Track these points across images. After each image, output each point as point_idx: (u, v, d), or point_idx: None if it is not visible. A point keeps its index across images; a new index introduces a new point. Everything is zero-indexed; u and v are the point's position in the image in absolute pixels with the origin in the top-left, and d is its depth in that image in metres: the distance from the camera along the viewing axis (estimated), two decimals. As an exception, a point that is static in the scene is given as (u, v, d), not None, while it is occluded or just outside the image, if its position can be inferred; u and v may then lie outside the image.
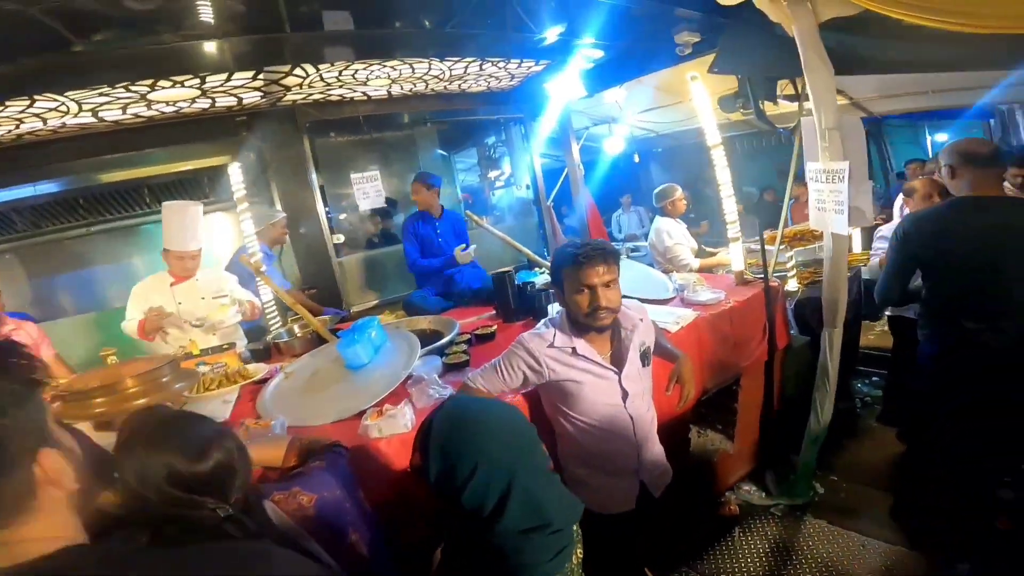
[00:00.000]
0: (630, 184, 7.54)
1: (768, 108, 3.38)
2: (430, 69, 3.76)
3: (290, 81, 3.44)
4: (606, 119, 5.01)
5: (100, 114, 3.26)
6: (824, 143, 2.40)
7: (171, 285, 3.22)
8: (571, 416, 1.88)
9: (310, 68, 3.27)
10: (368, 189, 4.47)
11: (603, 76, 4.10)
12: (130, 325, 3.15)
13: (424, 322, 3.21)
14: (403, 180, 5.51)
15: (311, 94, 3.85)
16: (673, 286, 3.18)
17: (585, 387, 1.83)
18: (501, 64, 3.96)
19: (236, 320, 3.30)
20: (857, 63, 2.76)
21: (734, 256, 3.37)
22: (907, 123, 7.74)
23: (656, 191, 4.38)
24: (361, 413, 1.98)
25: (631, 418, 1.88)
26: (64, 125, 3.33)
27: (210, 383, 2.57)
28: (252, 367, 2.77)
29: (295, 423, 2.07)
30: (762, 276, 2.99)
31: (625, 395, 1.86)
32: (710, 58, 3.08)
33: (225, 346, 3.03)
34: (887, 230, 3.15)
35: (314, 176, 4.21)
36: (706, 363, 2.70)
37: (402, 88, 4.17)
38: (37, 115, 3.03)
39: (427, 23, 3.29)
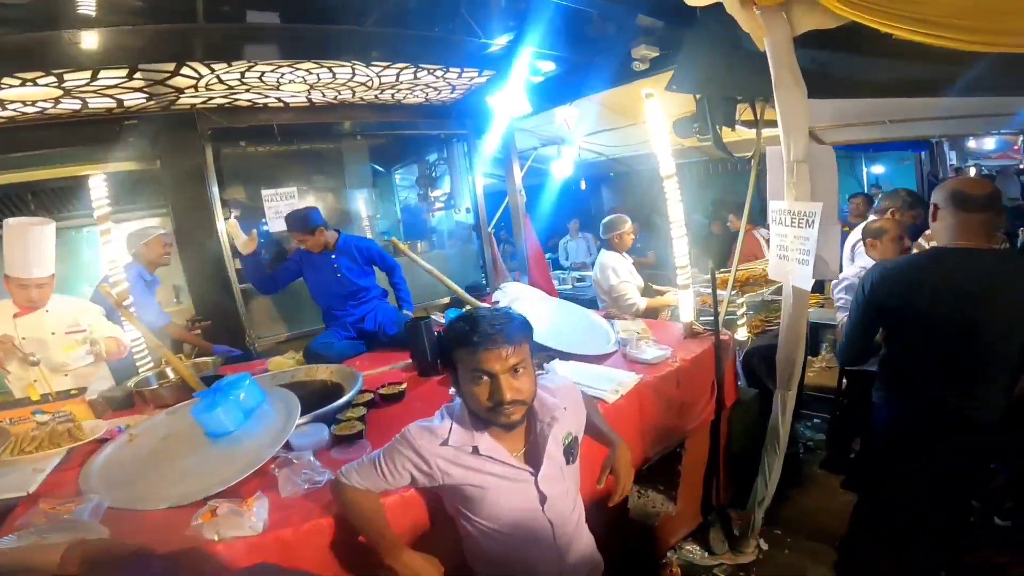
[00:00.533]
0: (579, 208, 7.19)
1: (725, 134, 3.08)
2: (354, 75, 3.32)
3: (180, 82, 2.92)
4: (555, 140, 4.66)
5: None
6: (791, 178, 2.07)
7: (14, 317, 2.60)
8: (475, 520, 1.45)
9: (201, 68, 2.77)
10: (282, 207, 3.93)
11: (552, 92, 3.73)
12: None
13: (324, 371, 2.72)
14: (327, 198, 4.99)
15: (212, 97, 3.33)
16: (615, 337, 2.83)
17: (490, 492, 1.41)
18: (439, 73, 3.55)
19: (86, 361, 2.70)
20: (836, 84, 2.47)
21: (683, 306, 3.02)
22: (846, 154, 7.65)
23: (604, 221, 4.03)
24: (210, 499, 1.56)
25: (551, 523, 1.47)
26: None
27: (30, 442, 2.06)
28: (89, 425, 2.24)
29: (121, 505, 1.63)
30: (711, 329, 2.66)
31: (544, 499, 1.44)
32: (668, 76, 2.76)
33: (73, 391, 2.46)
34: (848, 278, 2.87)
35: (215, 190, 3.64)
36: (648, 432, 2.35)
37: (324, 95, 3.69)
38: None
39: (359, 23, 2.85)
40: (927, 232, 2.14)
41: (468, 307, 3.31)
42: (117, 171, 3.97)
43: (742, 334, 3.07)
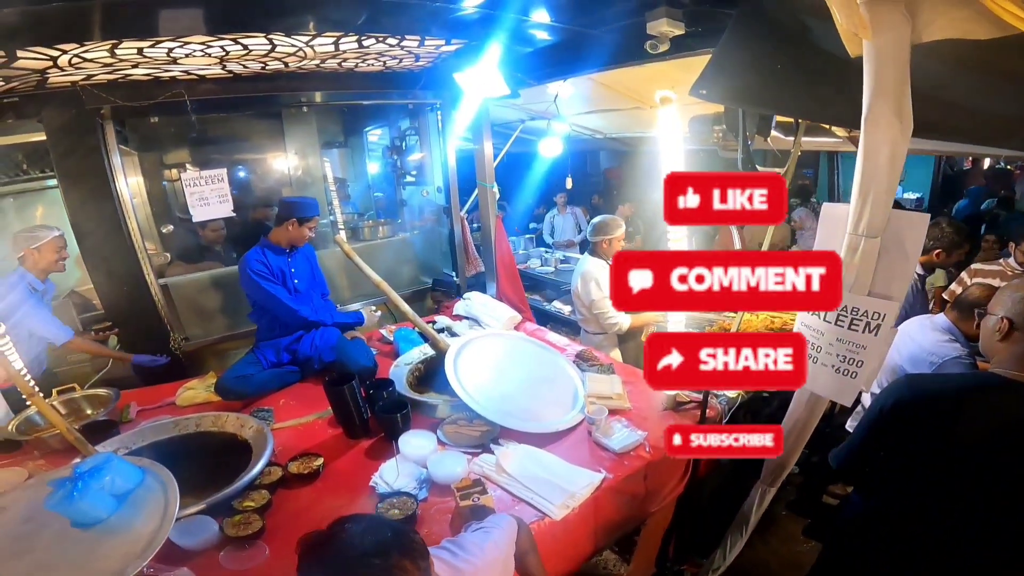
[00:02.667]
0: (567, 179, 6.35)
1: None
2: (274, 48, 2.57)
3: (31, 64, 2.22)
4: (544, 115, 3.88)
5: None
6: (852, 257, 1.37)
7: None
8: None
9: (49, 51, 2.07)
10: (207, 193, 3.26)
11: (539, 67, 2.92)
12: None
13: (234, 423, 2.24)
14: (267, 178, 4.32)
15: (92, 74, 2.62)
16: (580, 403, 2.29)
17: None
18: (391, 41, 2.77)
19: None
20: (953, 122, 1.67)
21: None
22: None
23: (595, 222, 3.38)
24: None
25: None
26: None
27: None
28: None
29: None
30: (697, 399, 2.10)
31: None
32: (689, 64, 2.00)
33: None
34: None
35: (122, 179, 3.00)
36: (601, 528, 1.88)
37: (246, 67, 2.95)
38: None
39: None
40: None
41: (427, 341, 2.74)
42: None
43: (730, 392, 2.49)
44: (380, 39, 2.71)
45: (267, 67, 3.02)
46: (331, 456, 2.04)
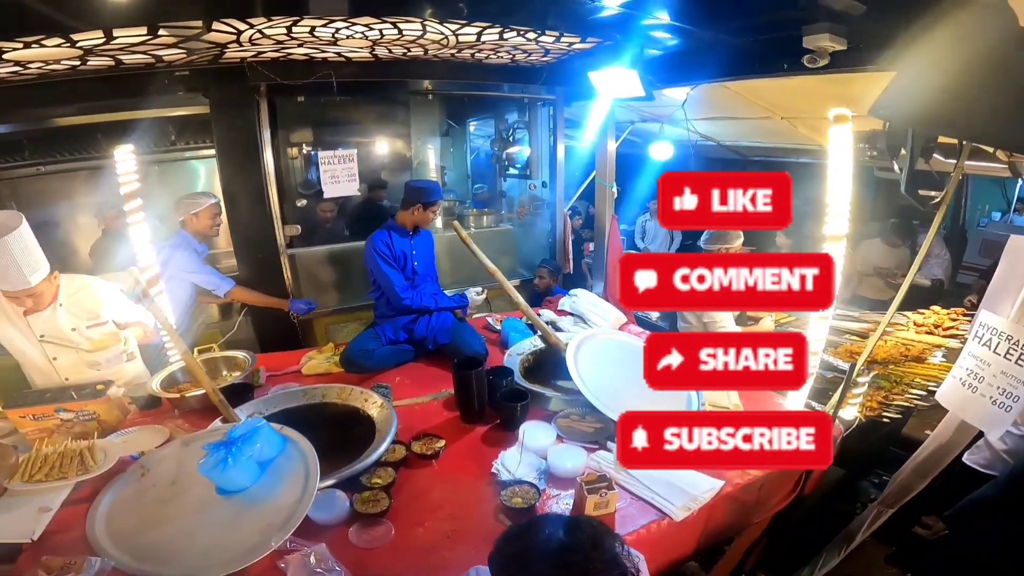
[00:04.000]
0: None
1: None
2: (424, 33, 2.63)
3: (218, 38, 2.37)
4: (659, 118, 3.79)
5: None
6: None
7: (24, 314, 2.19)
8: None
9: (238, 24, 2.20)
10: (339, 172, 3.40)
11: (671, 71, 2.84)
12: None
13: (359, 397, 2.26)
14: (390, 159, 4.43)
15: (262, 52, 2.76)
16: (696, 406, 2.21)
17: None
18: (531, 35, 2.78)
19: (120, 361, 2.38)
20: None
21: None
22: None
23: (712, 232, 3.25)
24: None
25: None
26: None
27: (39, 468, 1.78)
28: (104, 446, 1.90)
29: (127, 567, 1.43)
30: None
31: None
32: (851, 80, 1.88)
33: (99, 386, 2.16)
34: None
35: (268, 153, 3.16)
36: (706, 534, 1.82)
37: (391, 52, 3.03)
38: None
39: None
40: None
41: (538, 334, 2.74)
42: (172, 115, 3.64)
43: (851, 412, 2.35)
44: (521, 32, 2.72)
45: (407, 53, 3.10)
46: (448, 439, 2.03)
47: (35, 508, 1.67)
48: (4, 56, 2.10)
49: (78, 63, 2.43)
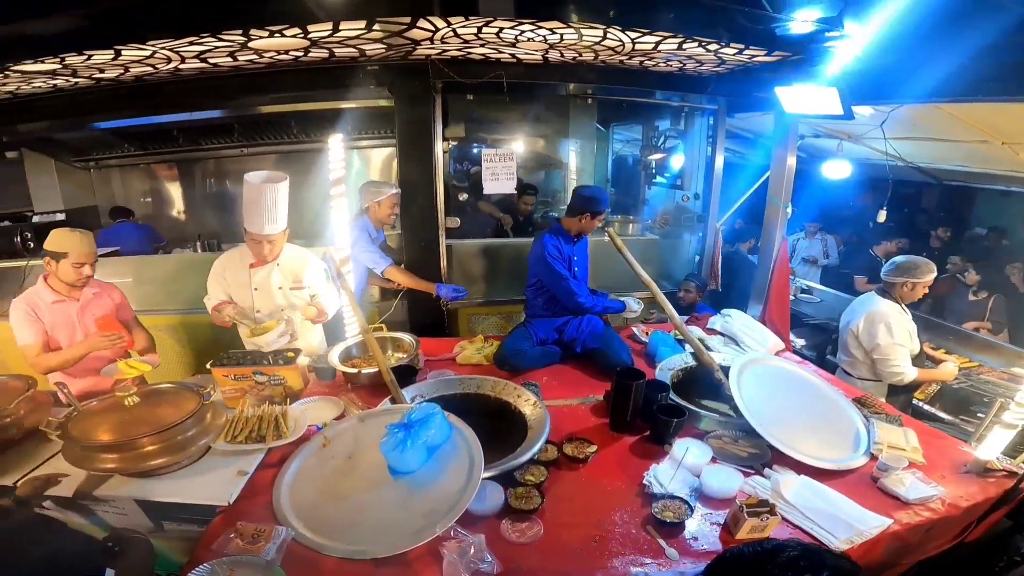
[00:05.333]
0: (823, 206, 5.48)
1: None
2: (604, 37, 2.56)
3: (417, 34, 2.48)
4: (836, 135, 3.38)
5: (212, 60, 2.63)
6: None
7: (250, 267, 2.61)
8: None
9: (438, 21, 2.28)
10: (499, 170, 3.45)
11: (878, 88, 2.51)
12: (207, 304, 2.65)
13: (512, 393, 2.27)
14: (536, 160, 4.43)
15: (447, 50, 2.86)
16: (864, 447, 2.02)
17: None
18: (713, 47, 2.62)
19: (282, 340, 2.58)
20: None
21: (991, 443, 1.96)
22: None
23: (900, 261, 2.86)
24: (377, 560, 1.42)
25: None
26: (178, 69, 2.76)
27: (241, 429, 1.95)
28: (294, 414, 2.06)
29: (305, 539, 1.51)
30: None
31: None
32: None
33: (289, 353, 2.37)
34: None
35: (439, 146, 3.29)
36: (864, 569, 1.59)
37: (562, 55, 3.01)
38: (139, 61, 2.45)
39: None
40: None
41: (690, 350, 2.58)
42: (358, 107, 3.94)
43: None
44: (704, 43, 2.55)
45: (576, 57, 3.06)
46: (598, 445, 1.98)
47: (234, 471, 1.79)
48: (249, 44, 2.35)
49: (301, 54, 2.67)
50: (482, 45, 2.75)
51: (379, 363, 2.25)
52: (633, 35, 2.44)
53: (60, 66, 2.36)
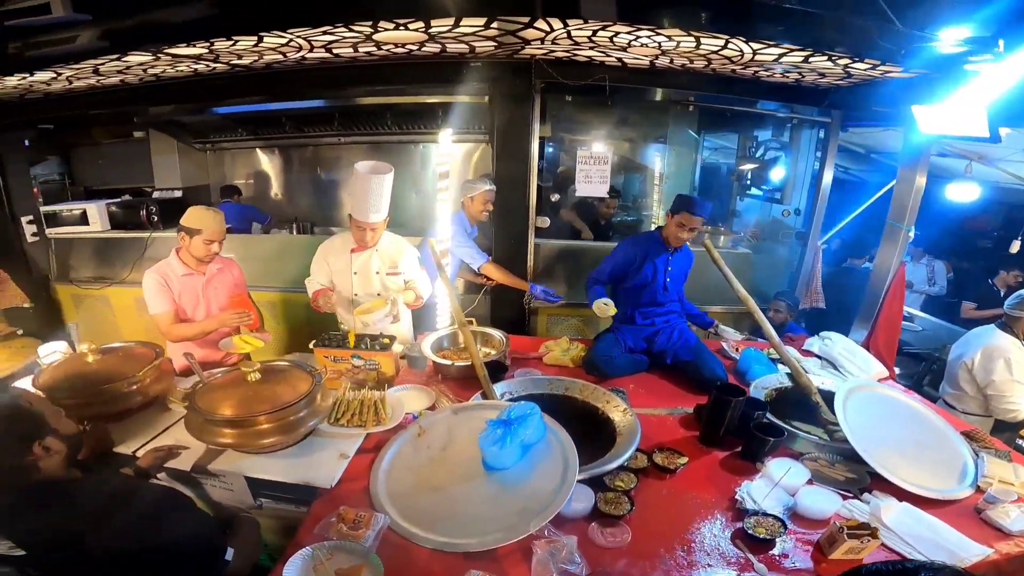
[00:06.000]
0: (937, 229, 4.99)
1: None
2: (726, 46, 2.46)
3: (530, 34, 2.48)
4: (968, 155, 3.07)
5: (336, 51, 2.73)
6: None
7: (351, 251, 2.75)
8: None
9: (556, 23, 2.26)
10: (593, 172, 3.41)
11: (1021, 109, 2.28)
12: (308, 286, 2.81)
13: (602, 398, 2.26)
14: (626, 164, 4.33)
15: (553, 51, 2.85)
16: (971, 479, 1.93)
17: None
18: (844, 60, 2.45)
19: (386, 320, 2.67)
20: None
21: None
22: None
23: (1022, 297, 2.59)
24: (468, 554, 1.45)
25: None
26: (304, 59, 2.90)
27: (344, 412, 2.03)
28: (392, 400, 2.11)
29: (396, 528, 1.54)
30: None
31: None
32: None
33: (385, 340, 2.46)
34: None
35: (535, 145, 3.28)
36: None
37: (672, 62, 2.91)
38: (274, 49, 2.58)
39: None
40: None
41: (785, 369, 2.45)
42: (456, 102, 4.02)
43: None
44: (835, 57, 2.39)
45: (686, 65, 2.96)
46: (688, 456, 1.96)
47: (336, 453, 1.84)
48: (374, 36, 2.42)
49: (416, 48, 2.74)
50: (591, 48, 2.71)
51: (474, 358, 2.28)
52: (756, 46, 2.33)
53: (207, 51, 2.51)
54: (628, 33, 2.31)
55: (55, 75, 2.82)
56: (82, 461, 1.36)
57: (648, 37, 2.33)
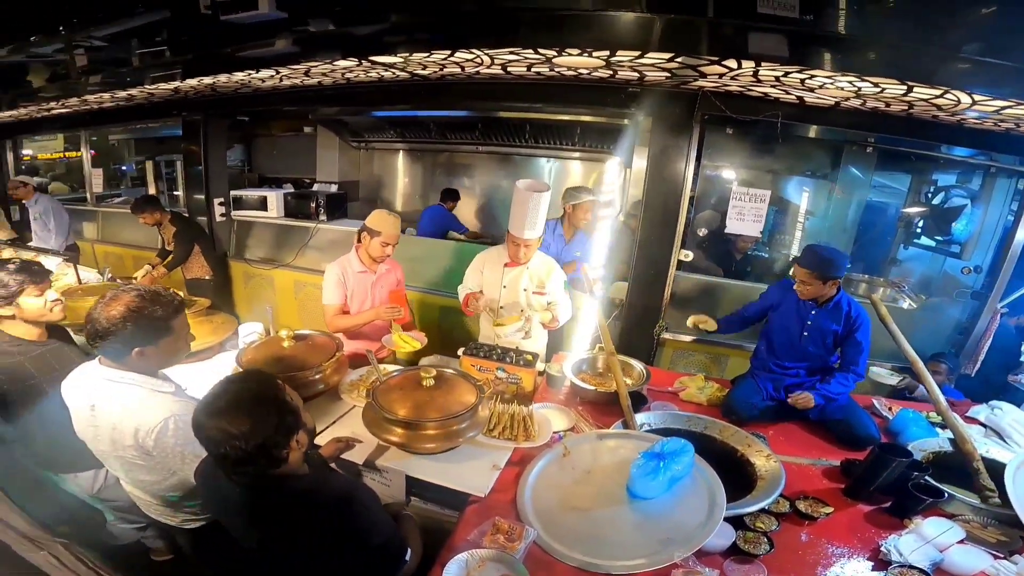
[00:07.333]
0: None
1: None
2: (943, 95, 2.24)
3: (711, 69, 2.42)
4: None
5: (508, 68, 2.85)
6: None
7: (505, 265, 2.86)
8: None
9: (747, 63, 2.19)
10: (747, 210, 3.25)
11: None
12: (460, 292, 2.97)
13: (742, 441, 2.20)
14: (781, 201, 4.07)
15: (726, 85, 2.75)
16: None
17: None
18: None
19: (518, 335, 2.74)
20: None
21: None
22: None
23: None
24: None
25: None
26: (478, 73, 3.05)
27: (496, 424, 2.12)
28: (538, 418, 2.17)
29: (545, 542, 1.60)
30: None
31: None
32: None
33: (529, 356, 2.54)
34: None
35: (689, 176, 3.20)
36: None
37: (863, 104, 2.70)
38: (457, 63, 2.76)
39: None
40: None
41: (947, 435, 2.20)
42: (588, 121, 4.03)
43: None
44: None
45: (880, 108, 2.73)
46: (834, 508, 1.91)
47: (489, 464, 1.92)
48: (554, 60, 2.50)
49: (587, 72, 2.80)
50: (772, 85, 2.59)
51: (620, 387, 2.28)
52: (980, 96, 2.09)
53: (402, 60, 2.72)
54: (827, 77, 2.18)
55: (274, 73, 3.15)
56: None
57: (848, 82, 2.19)
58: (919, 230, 3.91)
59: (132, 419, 1.51)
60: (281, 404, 1.25)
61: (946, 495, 1.95)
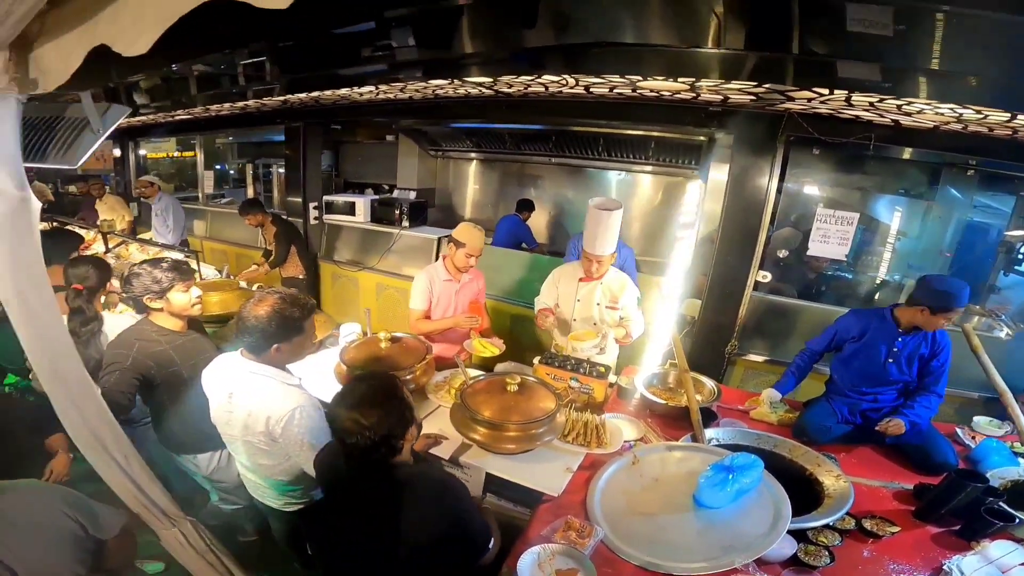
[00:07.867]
0: None
1: None
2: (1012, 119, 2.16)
3: (801, 94, 2.43)
4: None
5: (591, 89, 2.96)
6: None
7: (579, 280, 2.97)
8: None
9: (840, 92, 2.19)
10: (831, 232, 3.18)
11: None
12: (537, 304, 3.09)
13: (811, 460, 2.22)
14: (868, 220, 3.91)
15: (815, 108, 2.73)
16: None
17: None
18: None
19: (593, 350, 2.81)
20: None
21: None
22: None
23: None
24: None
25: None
26: (561, 92, 3.18)
27: (570, 430, 2.24)
28: (610, 427, 2.28)
29: (611, 542, 1.70)
30: None
31: None
32: None
33: (601, 369, 2.63)
34: None
35: (771, 197, 3.18)
36: None
37: (964, 128, 2.61)
38: (542, 84, 2.90)
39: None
40: None
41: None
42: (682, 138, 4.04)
43: None
44: None
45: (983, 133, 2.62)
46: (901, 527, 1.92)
47: (563, 466, 2.04)
48: (638, 84, 2.58)
49: (669, 93, 2.86)
50: (865, 109, 2.55)
51: (691, 403, 2.34)
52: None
53: (492, 80, 2.86)
54: (929, 105, 2.14)
55: (374, 88, 3.35)
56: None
57: (949, 108, 2.14)
58: (1022, 256, 3.65)
59: (266, 408, 1.72)
60: (402, 401, 1.42)
61: (1018, 520, 1.92)
